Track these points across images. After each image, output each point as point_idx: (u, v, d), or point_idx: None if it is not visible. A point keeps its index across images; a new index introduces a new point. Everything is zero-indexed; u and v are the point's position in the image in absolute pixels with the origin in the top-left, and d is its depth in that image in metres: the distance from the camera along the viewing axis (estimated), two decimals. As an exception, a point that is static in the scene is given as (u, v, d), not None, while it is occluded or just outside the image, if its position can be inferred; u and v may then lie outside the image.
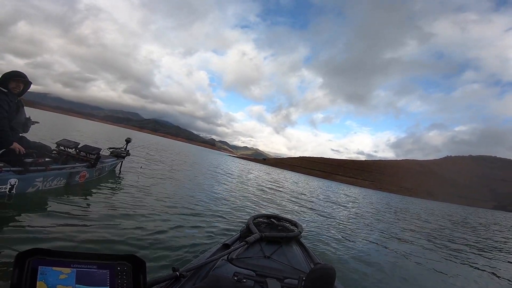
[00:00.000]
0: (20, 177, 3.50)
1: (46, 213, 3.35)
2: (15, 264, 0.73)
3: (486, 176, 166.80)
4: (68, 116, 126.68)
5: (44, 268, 0.76)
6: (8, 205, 3.27)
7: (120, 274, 0.85)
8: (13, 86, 3.58)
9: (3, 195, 3.32)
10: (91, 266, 0.82)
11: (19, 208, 3.26)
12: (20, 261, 0.74)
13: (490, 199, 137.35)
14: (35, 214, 3.25)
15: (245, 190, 10.60)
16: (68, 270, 0.78)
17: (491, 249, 8.42)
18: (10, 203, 3.32)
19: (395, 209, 18.94)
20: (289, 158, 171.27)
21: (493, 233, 13.61)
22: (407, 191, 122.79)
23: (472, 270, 5.43)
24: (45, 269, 0.76)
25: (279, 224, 3.19)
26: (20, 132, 3.86)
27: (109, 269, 0.85)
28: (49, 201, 3.75)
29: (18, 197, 3.50)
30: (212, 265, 1.83)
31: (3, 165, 3.36)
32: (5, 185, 3.31)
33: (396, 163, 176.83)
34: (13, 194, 3.43)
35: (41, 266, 0.76)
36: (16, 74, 3.62)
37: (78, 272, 0.79)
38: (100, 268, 0.84)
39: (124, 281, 0.85)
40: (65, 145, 5.46)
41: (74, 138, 8.93)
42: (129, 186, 5.95)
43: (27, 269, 0.74)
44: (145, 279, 0.90)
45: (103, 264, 0.85)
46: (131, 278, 0.87)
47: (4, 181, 3.30)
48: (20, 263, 0.74)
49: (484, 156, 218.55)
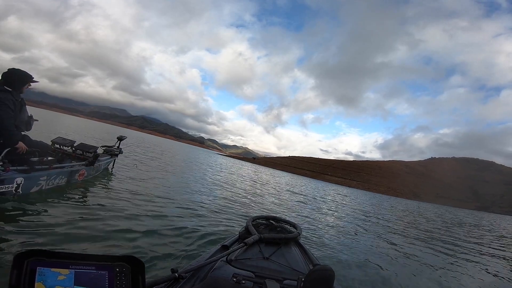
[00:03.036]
0: (25, 176, 3.52)
1: (48, 212, 3.39)
2: (13, 265, 0.73)
3: (469, 177, 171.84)
4: (52, 112, 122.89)
5: (42, 269, 0.76)
6: (13, 204, 3.29)
7: (118, 275, 0.85)
8: (26, 87, 3.66)
9: (10, 194, 3.34)
10: (90, 267, 0.82)
11: (23, 207, 3.30)
12: (19, 262, 0.74)
13: (473, 200, 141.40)
14: (38, 213, 3.29)
15: (241, 191, 10.70)
16: (66, 271, 0.78)
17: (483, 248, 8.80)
18: (15, 202, 3.35)
19: (389, 210, 19.35)
20: (279, 158, 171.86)
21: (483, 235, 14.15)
22: (394, 191, 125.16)
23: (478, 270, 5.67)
24: (44, 270, 0.76)
25: (278, 226, 3.15)
26: (23, 131, 3.84)
27: (107, 270, 0.85)
28: (51, 200, 3.79)
29: (23, 195, 3.52)
30: (211, 266, 1.83)
31: (10, 164, 3.37)
32: (11, 184, 3.33)
33: (383, 163, 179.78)
34: (19, 193, 3.45)
35: (40, 267, 0.76)
36: (31, 76, 3.66)
37: (76, 273, 0.79)
38: (99, 269, 0.83)
39: (123, 282, 0.85)
40: (61, 143, 5.43)
41: (57, 135, 8.85)
42: (125, 185, 5.97)
43: (26, 270, 0.74)
44: (144, 280, 0.90)
45: (101, 265, 0.84)
46: (129, 279, 0.87)
47: (11, 180, 3.31)
48: (18, 264, 0.74)
49: (467, 158, 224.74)
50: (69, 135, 12.94)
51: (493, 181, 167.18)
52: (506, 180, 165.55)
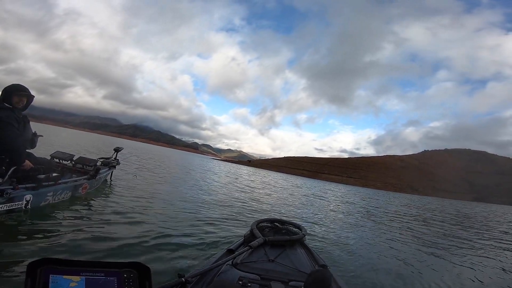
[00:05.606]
0: (34, 193, 3.62)
1: (56, 225, 3.50)
2: (27, 274, 0.77)
3: (462, 168, 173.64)
4: (40, 124, 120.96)
5: (55, 277, 0.79)
6: (23, 219, 3.40)
7: (127, 281, 0.88)
8: (16, 101, 3.41)
9: (20, 210, 3.45)
10: (99, 274, 0.86)
11: (33, 222, 3.40)
12: (32, 270, 0.77)
13: (469, 191, 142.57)
14: (47, 226, 3.39)
15: (243, 195, 10.81)
16: (77, 278, 0.81)
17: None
18: (26, 217, 3.46)
19: (393, 207, 19.47)
20: (274, 159, 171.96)
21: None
22: (392, 186, 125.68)
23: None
24: (56, 277, 0.79)
25: (283, 228, 3.16)
26: (28, 148, 3.84)
27: (116, 276, 0.88)
28: (58, 214, 3.91)
29: (32, 211, 3.62)
30: (217, 270, 1.85)
31: (18, 183, 3.46)
32: (21, 201, 3.44)
33: (379, 159, 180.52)
34: (28, 209, 3.56)
35: (52, 274, 0.79)
36: (18, 88, 3.45)
37: (87, 280, 0.82)
38: (108, 276, 0.87)
39: (131, 287, 0.89)
40: (60, 157, 5.48)
41: (47, 148, 8.90)
42: (125, 195, 6.04)
43: (39, 278, 0.77)
44: (151, 285, 0.93)
45: (110, 272, 0.88)
46: (137, 284, 0.90)
47: (20, 197, 3.42)
48: (32, 272, 0.77)
49: (459, 150, 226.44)
50: (60, 148, 12.93)
51: (487, 171, 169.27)
52: (499, 169, 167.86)
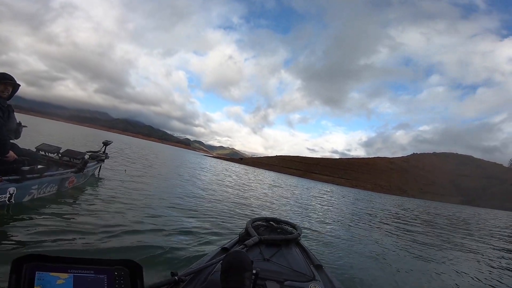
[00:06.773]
0: (18, 186, 3.50)
1: (42, 219, 3.39)
2: (12, 270, 0.73)
3: (450, 172, 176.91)
4: (28, 116, 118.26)
5: (41, 274, 0.75)
6: (6, 213, 3.28)
7: (117, 279, 0.85)
8: (1, 89, 3.30)
9: (3, 204, 3.32)
10: (88, 271, 0.82)
11: (16, 216, 3.28)
12: (17, 266, 0.74)
13: (456, 194, 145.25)
14: (32, 221, 3.28)
15: (237, 193, 10.76)
16: (65, 275, 0.77)
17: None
18: (9, 212, 3.34)
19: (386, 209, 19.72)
20: (266, 157, 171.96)
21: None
22: (381, 188, 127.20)
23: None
24: (42, 274, 0.75)
25: (278, 227, 3.14)
26: (12, 139, 3.70)
27: (106, 274, 0.84)
28: (43, 208, 3.78)
29: (16, 205, 3.50)
30: (211, 269, 1.83)
31: (1, 175, 3.33)
32: (4, 194, 3.31)
33: (369, 160, 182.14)
34: (12, 203, 3.43)
35: (38, 271, 0.75)
36: (4, 76, 3.34)
37: (75, 278, 0.78)
38: (98, 273, 0.83)
39: (121, 286, 0.85)
40: (46, 150, 5.31)
41: (33, 140, 8.66)
42: (114, 190, 5.95)
43: (24, 274, 0.73)
44: (143, 283, 0.90)
45: (100, 269, 0.84)
46: (129, 283, 0.87)
47: (3, 190, 3.29)
48: (17, 268, 0.73)
49: (446, 153, 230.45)
50: (47, 141, 12.62)
51: (473, 175, 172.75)
52: (485, 173, 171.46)
